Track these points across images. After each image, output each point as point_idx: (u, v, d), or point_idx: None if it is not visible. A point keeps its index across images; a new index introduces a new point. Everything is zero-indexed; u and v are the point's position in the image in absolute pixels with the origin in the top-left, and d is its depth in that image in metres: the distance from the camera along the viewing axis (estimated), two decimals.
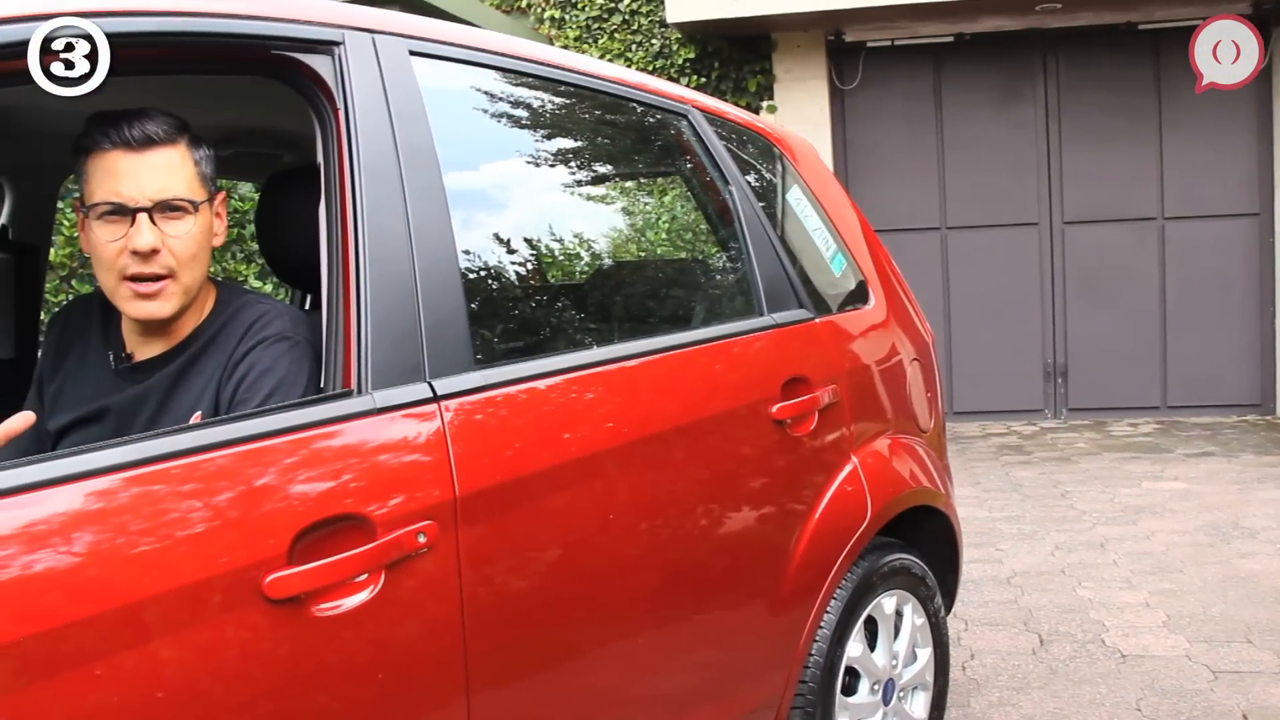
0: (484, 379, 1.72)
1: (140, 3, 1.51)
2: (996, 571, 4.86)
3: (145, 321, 1.75)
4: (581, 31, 9.01)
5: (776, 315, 2.44)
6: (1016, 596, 4.51)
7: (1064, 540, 5.33)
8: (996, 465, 7.21)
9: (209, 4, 1.59)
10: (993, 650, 3.91)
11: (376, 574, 1.48)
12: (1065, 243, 8.69)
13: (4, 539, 1.20)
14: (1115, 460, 7.19)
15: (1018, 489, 6.50)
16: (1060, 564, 4.94)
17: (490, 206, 2.16)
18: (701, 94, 2.72)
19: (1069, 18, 8.21)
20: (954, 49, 8.70)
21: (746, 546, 2.27)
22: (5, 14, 1.38)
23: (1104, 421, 8.58)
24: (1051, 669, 3.71)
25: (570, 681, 1.83)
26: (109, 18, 1.46)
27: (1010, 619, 4.24)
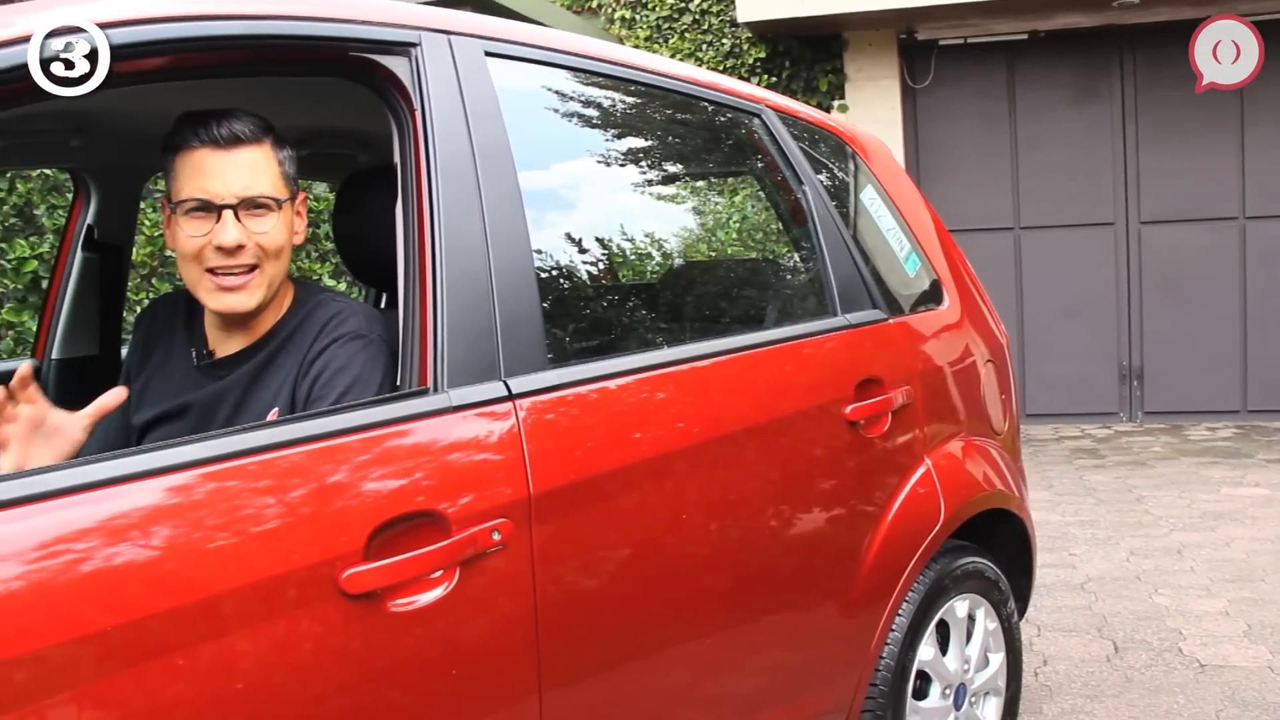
0: (558, 378, 1.73)
1: (224, 7, 1.54)
2: (1070, 577, 4.79)
3: (226, 316, 1.78)
4: (652, 31, 9.01)
5: (850, 315, 2.42)
6: (1090, 602, 4.43)
7: (1139, 546, 5.23)
8: (1070, 469, 7.10)
9: (290, 7, 1.61)
10: (1066, 657, 3.85)
11: (451, 570, 1.49)
12: (1142, 243, 8.53)
13: (86, 531, 1.23)
14: (1193, 465, 7.04)
15: (1092, 493, 6.39)
16: (1136, 570, 4.85)
17: (563, 206, 2.17)
18: (774, 93, 2.71)
19: (1147, 14, 8.05)
20: (1028, 46, 8.57)
21: (818, 548, 2.25)
22: (102, 19, 1.41)
23: (1181, 425, 8.40)
24: (1127, 677, 3.64)
25: (640, 681, 1.83)
26: (195, 22, 1.49)
27: (1084, 625, 4.17)
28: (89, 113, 2.16)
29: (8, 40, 1.34)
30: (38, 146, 2.42)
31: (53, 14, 1.39)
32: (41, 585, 1.18)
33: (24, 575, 1.18)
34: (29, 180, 4.51)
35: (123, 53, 1.43)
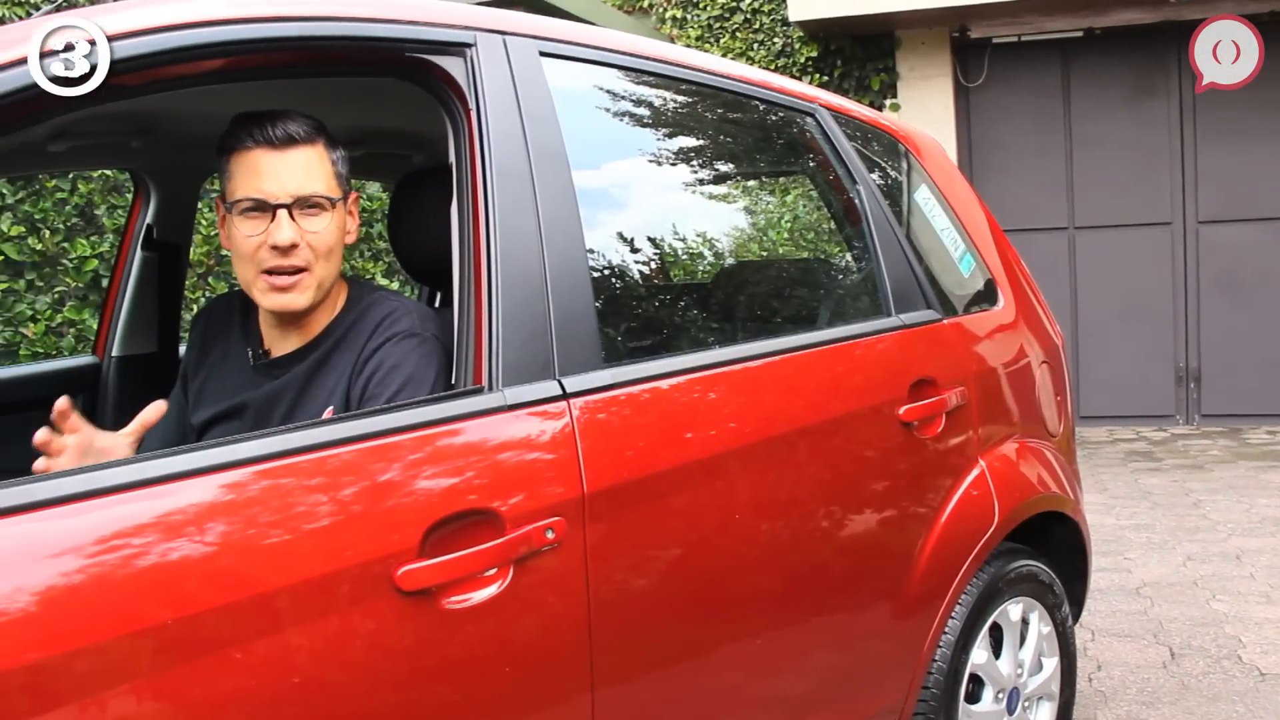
0: (612, 377, 1.73)
1: (283, 10, 1.56)
2: (1125, 581, 4.73)
3: (280, 315, 1.80)
4: (703, 31, 9.00)
5: (904, 316, 2.41)
6: (1146, 608, 4.37)
7: (1196, 551, 5.15)
8: (1125, 472, 7.00)
9: (347, 9, 1.63)
10: (1121, 662, 3.80)
11: (505, 569, 1.50)
12: (1199, 243, 8.39)
13: (144, 527, 1.25)
14: (1251, 469, 6.92)
15: (1147, 496, 6.31)
16: (1193, 575, 4.77)
17: (618, 206, 2.17)
18: (827, 92, 2.69)
19: (1206, 9, 7.93)
20: (1083, 44, 8.47)
21: (871, 549, 2.24)
22: (151, 24, 1.43)
23: (1239, 429, 8.26)
24: (1184, 684, 3.59)
25: (692, 681, 1.83)
26: (254, 24, 1.51)
27: (1139, 631, 4.12)
28: (150, 114, 2.19)
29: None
30: (100, 148, 2.46)
31: (114, 18, 1.41)
32: (101, 579, 1.20)
33: (84, 569, 1.20)
34: (90, 181, 4.59)
35: (183, 55, 1.46)
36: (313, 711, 1.34)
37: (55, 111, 1.44)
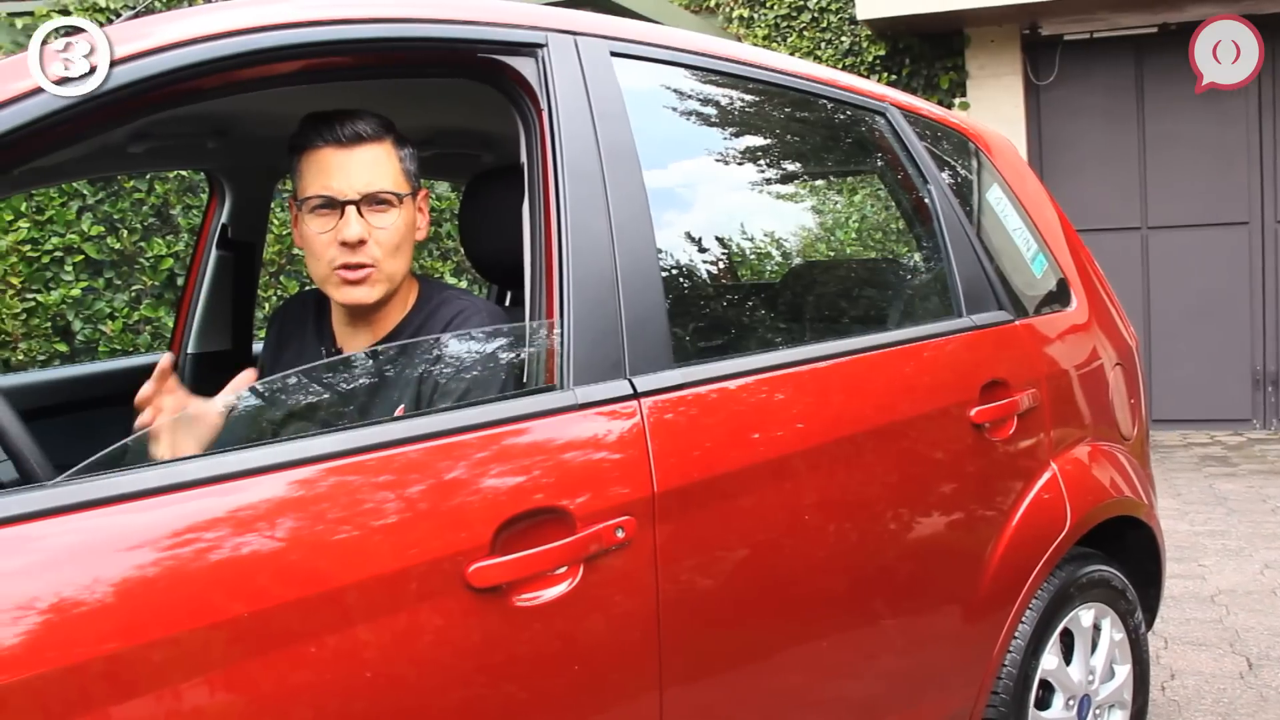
0: (682, 377, 1.73)
1: (357, 11, 1.58)
2: (1199, 589, 4.63)
3: (352, 312, 1.83)
4: (770, 30, 8.97)
5: (976, 317, 2.38)
6: (1221, 616, 4.29)
7: (1275, 559, 5.04)
8: (1199, 476, 6.87)
9: (420, 10, 1.65)
10: (1195, 671, 3.73)
11: (575, 567, 1.51)
12: (1279, 243, 8.21)
13: (217, 521, 1.27)
14: None
15: (1222, 502, 6.18)
16: (1271, 584, 4.67)
17: (687, 205, 2.17)
18: (898, 91, 2.67)
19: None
20: (1157, 40, 8.30)
21: (940, 552, 2.22)
22: (229, 28, 1.46)
23: None
24: (1262, 696, 3.51)
25: (759, 682, 1.82)
26: (329, 26, 1.54)
27: (1215, 639, 4.04)
28: (226, 116, 2.23)
29: (152, 49, 1.39)
30: (177, 149, 2.51)
31: (188, 23, 1.44)
32: (176, 572, 1.23)
33: (159, 562, 1.22)
34: (166, 182, 4.68)
35: (260, 58, 1.49)
36: (382, 706, 1.35)
37: (138, 114, 1.48)
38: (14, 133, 1.29)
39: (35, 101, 1.30)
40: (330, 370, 1.87)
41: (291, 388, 1.84)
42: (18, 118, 1.29)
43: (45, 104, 1.30)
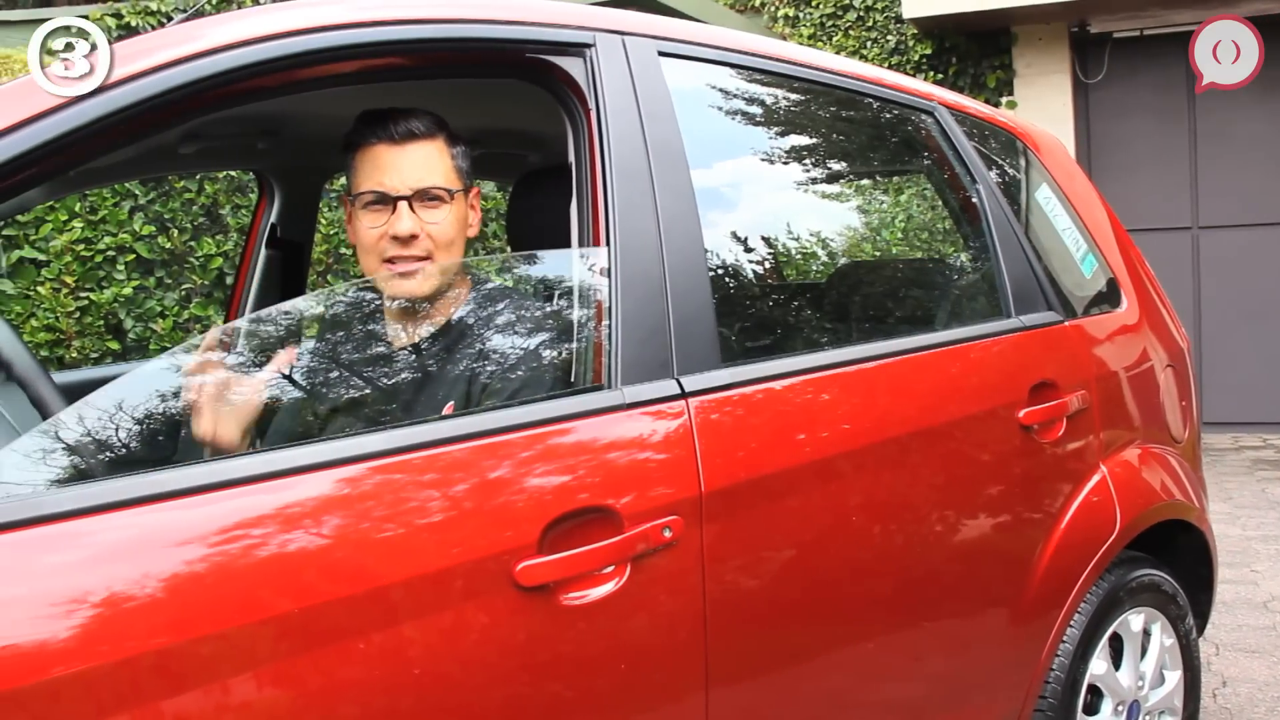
0: (730, 377, 1.72)
1: (408, 12, 1.59)
2: (1251, 594, 4.56)
3: (403, 305, 1.84)
4: (815, 29, 8.93)
5: (1024, 317, 2.36)
6: (1274, 622, 4.22)
7: None
8: (1251, 480, 6.76)
9: (470, 11, 1.66)
10: (1248, 679, 3.67)
11: (622, 566, 1.51)
12: None
13: (264, 518, 1.29)
14: None
15: (1275, 506, 6.08)
16: None
17: (735, 205, 2.17)
18: (945, 89, 2.66)
19: None
20: None
21: (987, 554, 2.20)
22: (283, 28, 1.48)
23: None
24: None
25: (804, 683, 1.81)
26: (380, 28, 1.55)
27: (1268, 646, 3.97)
28: (276, 117, 2.25)
29: (203, 52, 1.41)
30: (228, 150, 2.54)
31: (239, 25, 1.46)
32: (223, 568, 1.24)
33: (206, 558, 1.23)
34: (216, 182, 4.73)
35: (311, 58, 1.50)
36: (429, 703, 1.36)
37: (191, 116, 1.50)
38: (72, 134, 1.30)
39: (94, 103, 1.32)
40: (379, 365, 1.89)
41: (341, 382, 1.86)
42: (76, 119, 1.31)
43: (103, 105, 1.32)
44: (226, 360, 1.71)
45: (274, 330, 2.70)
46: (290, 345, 1.74)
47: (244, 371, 1.73)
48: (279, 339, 2.54)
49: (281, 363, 1.71)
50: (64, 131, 1.30)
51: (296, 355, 1.73)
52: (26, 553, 1.16)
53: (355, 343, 1.95)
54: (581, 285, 1.67)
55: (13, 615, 1.12)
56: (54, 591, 1.15)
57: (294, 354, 1.73)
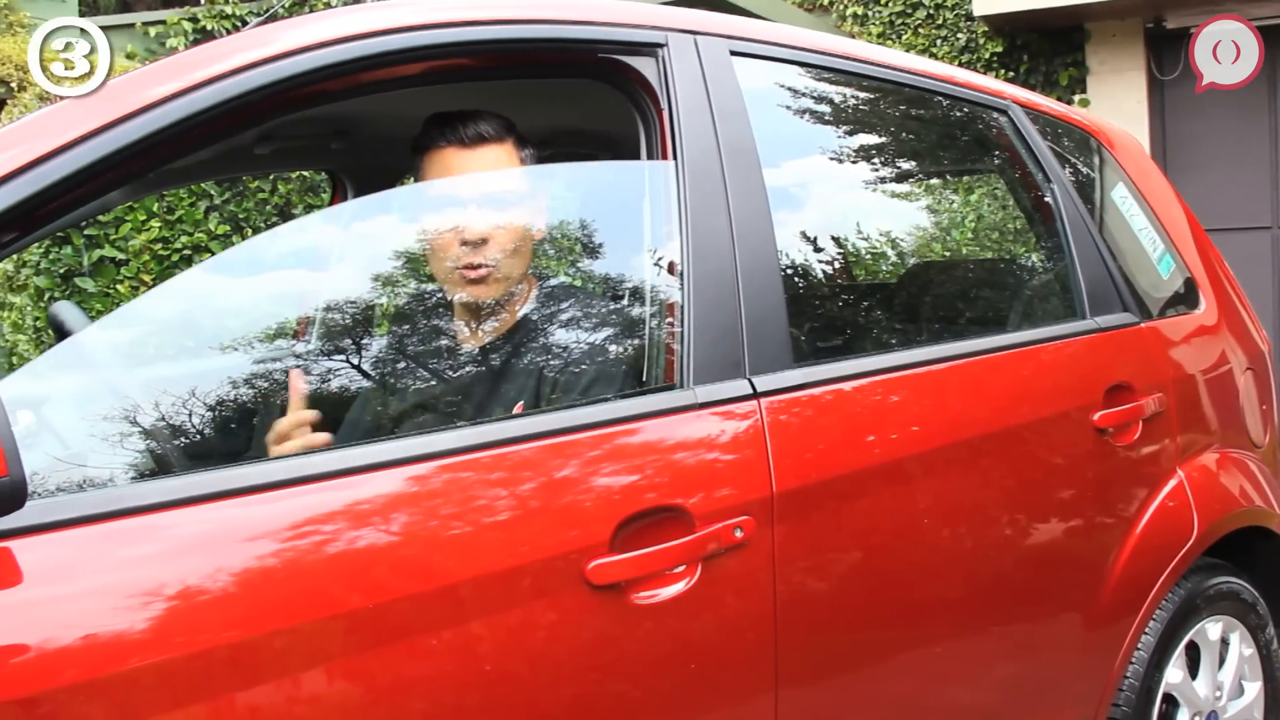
0: (802, 377, 1.72)
1: (480, 13, 1.60)
2: None
3: (472, 307, 1.85)
4: (885, 27, 8.86)
5: (1100, 319, 2.32)
6: None
7: None
8: None
9: (542, 11, 1.66)
10: None
11: (694, 566, 1.50)
12: None
13: (335, 514, 1.30)
14: None
15: None
16: None
17: (807, 204, 2.16)
18: (1019, 88, 2.62)
19: None
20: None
21: (1059, 559, 2.17)
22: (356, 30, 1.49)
23: None
24: None
25: (872, 686, 1.80)
26: (452, 29, 1.56)
27: None
28: (348, 118, 2.28)
29: (277, 55, 1.43)
30: (301, 150, 2.57)
31: (315, 28, 1.48)
32: (295, 563, 1.26)
33: (278, 553, 1.25)
34: (289, 182, 4.80)
35: (384, 61, 1.52)
36: (499, 700, 1.37)
37: (265, 118, 1.52)
38: (153, 137, 1.33)
39: (175, 105, 1.34)
40: (449, 364, 1.90)
41: (411, 381, 1.88)
42: (158, 122, 1.33)
43: (183, 108, 1.35)
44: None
45: (348, 329, 2.74)
46: (295, 370, 1.72)
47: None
48: (352, 338, 2.58)
49: (296, 388, 1.69)
50: (145, 134, 1.32)
51: (304, 377, 1.71)
52: (106, 545, 1.19)
53: (425, 342, 1.96)
54: (653, 285, 1.68)
55: (92, 606, 1.15)
56: (131, 583, 1.17)
57: (300, 377, 1.71)
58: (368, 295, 3.03)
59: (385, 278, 1.95)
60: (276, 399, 1.72)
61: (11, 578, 1.13)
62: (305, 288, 2.10)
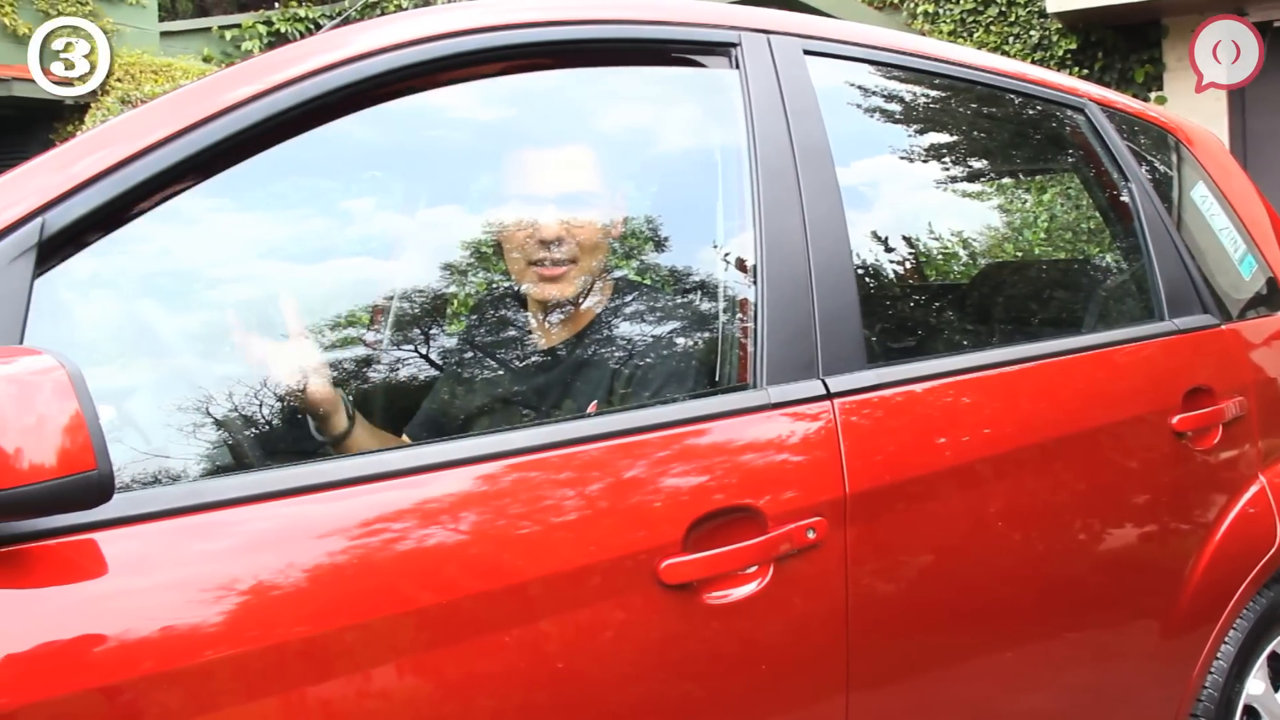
0: (875, 378, 1.71)
1: (553, 14, 1.61)
2: None
3: (548, 306, 1.87)
4: (956, 26, 8.77)
5: (1178, 320, 2.28)
6: None
7: None
8: None
9: (616, 11, 1.67)
10: None
11: (766, 566, 1.50)
12: None
13: (404, 513, 1.31)
14: None
15: None
16: None
17: (880, 204, 2.15)
18: (1096, 85, 2.58)
19: None
20: None
21: (1135, 565, 2.13)
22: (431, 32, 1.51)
23: None
24: None
25: (943, 690, 1.79)
26: (525, 29, 1.57)
27: None
28: None
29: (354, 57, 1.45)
30: None
31: (389, 29, 1.50)
32: (365, 560, 1.27)
33: (348, 550, 1.26)
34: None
35: (461, 60, 1.53)
36: (567, 698, 1.37)
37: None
38: (234, 138, 1.35)
39: (256, 106, 1.36)
40: (523, 363, 1.92)
41: (487, 380, 1.90)
42: (240, 122, 1.36)
43: (264, 109, 1.37)
44: None
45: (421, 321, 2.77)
46: (286, 300, 1.68)
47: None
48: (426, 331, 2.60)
49: (291, 317, 1.67)
50: (225, 137, 1.34)
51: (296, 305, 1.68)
52: (183, 539, 1.21)
53: (500, 340, 1.98)
54: (727, 284, 1.68)
55: (170, 599, 1.17)
56: (206, 577, 1.19)
57: (294, 304, 1.68)
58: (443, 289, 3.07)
59: (461, 273, 1.96)
60: (351, 391, 1.75)
61: (97, 569, 1.15)
62: (380, 279, 2.12)
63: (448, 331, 2.00)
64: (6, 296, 1.18)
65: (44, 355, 1.08)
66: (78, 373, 1.08)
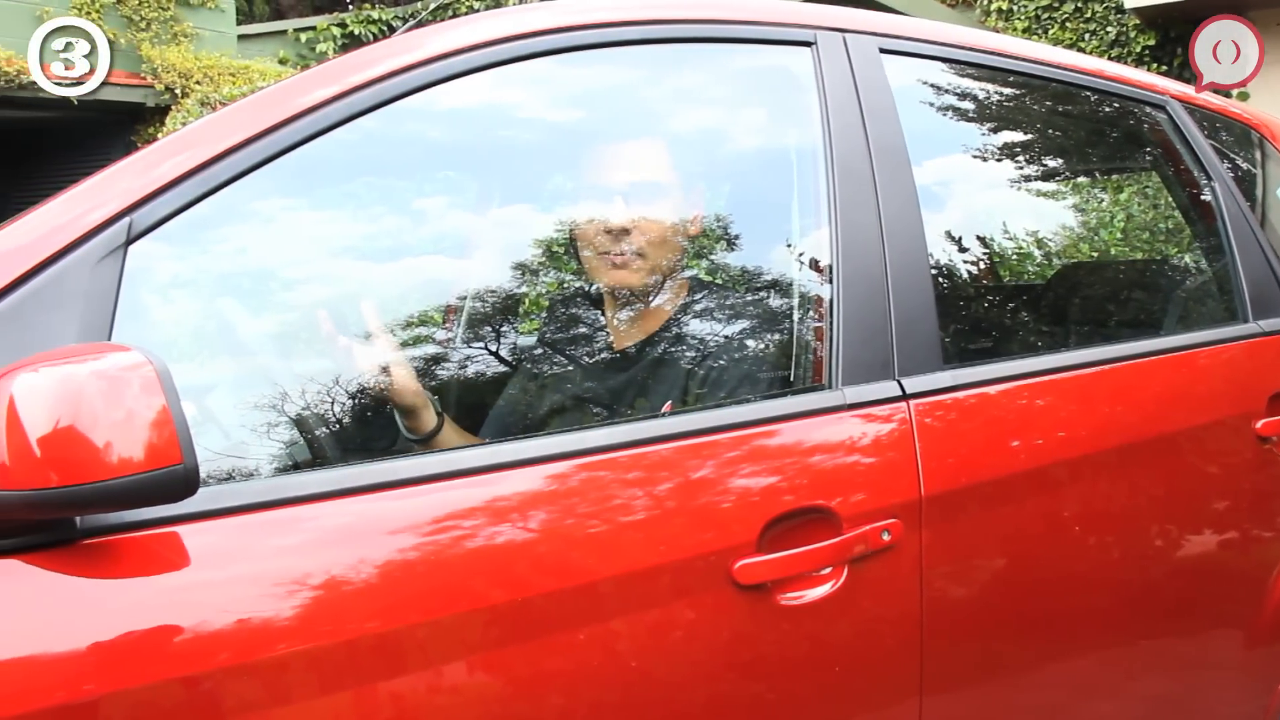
0: (951, 379, 1.69)
1: (628, 13, 1.62)
2: None
3: (622, 304, 1.87)
4: (1030, 22, 8.65)
5: (1263, 322, 2.22)
6: None
7: None
8: None
9: (691, 11, 1.68)
10: None
11: (840, 568, 1.49)
12: None
13: (474, 511, 1.32)
14: None
15: None
16: None
17: (956, 203, 2.13)
18: (1177, 82, 2.53)
19: None
20: None
21: (1215, 573, 2.09)
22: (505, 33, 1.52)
23: None
24: None
25: (1017, 695, 1.77)
26: (604, 29, 1.58)
27: None
28: None
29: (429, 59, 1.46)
30: None
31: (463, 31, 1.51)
32: (437, 557, 1.28)
33: (419, 547, 1.28)
34: None
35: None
36: (639, 697, 1.37)
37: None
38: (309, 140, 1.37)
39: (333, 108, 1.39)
40: (598, 362, 1.92)
41: (561, 379, 1.91)
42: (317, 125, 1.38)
43: (341, 110, 1.39)
44: None
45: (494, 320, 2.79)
46: (366, 299, 1.71)
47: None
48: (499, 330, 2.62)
49: (371, 316, 1.68)
50: (305, 136, 1.37)
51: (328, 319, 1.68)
52: (260, 533, 1.23)
53: (576, 338, 1.99)
54: (802, 284, 1.67)
55: (247, 592, 1.19)
56: (279, 572, 1.21)
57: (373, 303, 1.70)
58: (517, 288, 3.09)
59: (534, 270, 1.97)
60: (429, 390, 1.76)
61: (180, 561, 1.18)
62: (454, 277, 2.14)
63: (520, 330, 2.02)
64: (95, 294, 1.21)
65: (132, 351, 1.09)
66: (165, 369, 1.10)
